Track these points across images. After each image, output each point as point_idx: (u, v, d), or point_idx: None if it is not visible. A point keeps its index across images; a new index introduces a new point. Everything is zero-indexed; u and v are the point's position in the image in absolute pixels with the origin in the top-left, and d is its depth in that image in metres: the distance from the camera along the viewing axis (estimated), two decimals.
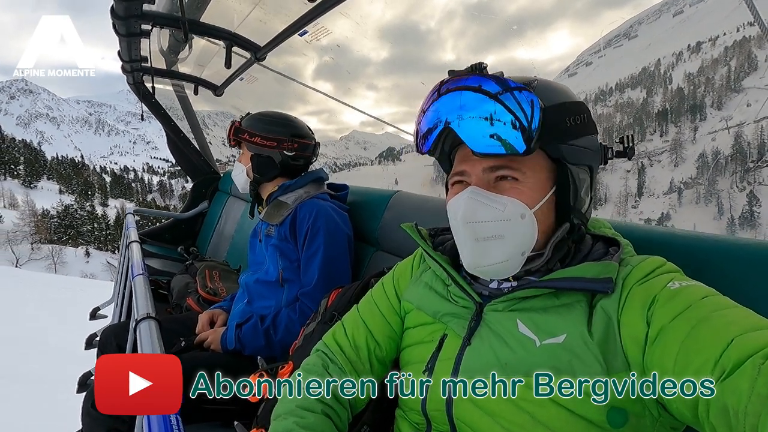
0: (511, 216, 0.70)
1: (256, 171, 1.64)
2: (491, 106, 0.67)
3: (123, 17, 1.86)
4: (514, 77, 0.72)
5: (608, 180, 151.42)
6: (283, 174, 1.66)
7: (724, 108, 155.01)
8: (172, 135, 3.34)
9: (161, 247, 3.31)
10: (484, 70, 0.71)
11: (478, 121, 0.68)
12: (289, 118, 1.66)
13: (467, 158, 0.75)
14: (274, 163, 1.62)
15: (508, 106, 0.66)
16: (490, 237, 0.70)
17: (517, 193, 0.71)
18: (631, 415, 0.62)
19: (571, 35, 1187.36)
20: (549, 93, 0.71)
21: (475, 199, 0.71)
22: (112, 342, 1.66)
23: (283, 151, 1.61)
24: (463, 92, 0.69)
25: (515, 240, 0.70)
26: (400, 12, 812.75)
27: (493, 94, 0.67)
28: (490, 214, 0.70)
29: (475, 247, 0.71)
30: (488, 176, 0.72)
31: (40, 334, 5.18)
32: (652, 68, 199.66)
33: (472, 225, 0.71)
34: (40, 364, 4.19)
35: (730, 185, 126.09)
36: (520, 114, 0.66)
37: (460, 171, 0.76)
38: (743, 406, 0.47)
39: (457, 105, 0.70)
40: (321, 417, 0.78)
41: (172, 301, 2.20)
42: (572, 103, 0.73)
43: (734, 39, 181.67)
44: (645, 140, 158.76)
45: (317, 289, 1.43)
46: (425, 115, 0.75)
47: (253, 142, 1.60)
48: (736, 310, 0.57)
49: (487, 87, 0.67)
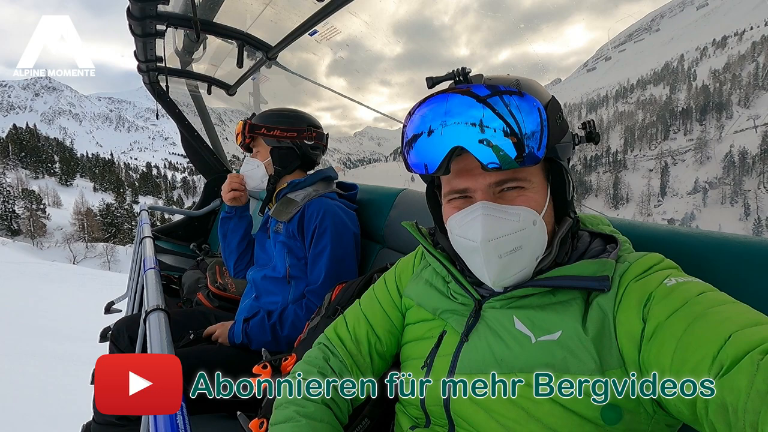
0: (526, 225, 0.69)
1: (278, 164, 1.65)
2: (495, 122, 0.65)
3: (138, 18, 1.90)
4: (493, 78, 0.71)
5: (630, 179, 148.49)
6: (302, 166, 1.68)
7: (752, 106, 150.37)
8: (185, 133, 3.40)
9: (174, 244, 3.37)
10: (468, 77, 0.70)
11: (476, 129, 0.65)
12: (300, 112, 1.69)
13: (466, 172, 0.71)
14: (295, 153, 1.64)
15: (516, 118, 0.65)
16: (511, 250, 0.68)
17: (526, 201, 0.70)
18: (625, 411, 0.62)
19: (587, 29, 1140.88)
20: (536, 93, 0.71)
21: (490, 215, 0.68)
22: (124, 334, 1.70)
23: (304, 141, 1.63)
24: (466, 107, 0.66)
25: (532, 248, 0.70)
26: (414, 8, 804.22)
27: (499, 113, 0.65)
28: (507, 227, 0.68)
29: (499, 264, 0.69)
30: (493, 189, 0.71)
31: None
32: (675, 64, 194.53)
33: (494, 242, 0.68)
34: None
35: (758, 185, 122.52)
36: (524, 125, 0.65)
37: (461, 189, 0.73)
38: (742, 403, 0.47)
39: (443, 111, 0.67)
40: (321, 406, 0.79)
41: (183, 296, 2.24)
42: (554, 100, 0.73)
43: (762, 34, 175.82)
44: (669, 139, 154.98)
45: (324, 287, 1.44)
46: (413, 120, 0.72)
47: (272, 135, 1.62)
48: (733, 305, 0.57)
49: (493, 104, 0.65)
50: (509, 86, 0.67)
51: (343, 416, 0.83)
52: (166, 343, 1.03)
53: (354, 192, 1.75)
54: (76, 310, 7.11)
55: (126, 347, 1.69)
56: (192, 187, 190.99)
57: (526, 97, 0.66)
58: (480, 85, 0.66)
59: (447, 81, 0.74)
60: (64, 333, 5.57)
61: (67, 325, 6.02)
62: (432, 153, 0.69)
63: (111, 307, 2.49)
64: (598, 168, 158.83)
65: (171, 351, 0.99)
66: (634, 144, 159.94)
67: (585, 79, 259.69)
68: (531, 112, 0.65)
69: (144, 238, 2.03)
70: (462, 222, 0.72)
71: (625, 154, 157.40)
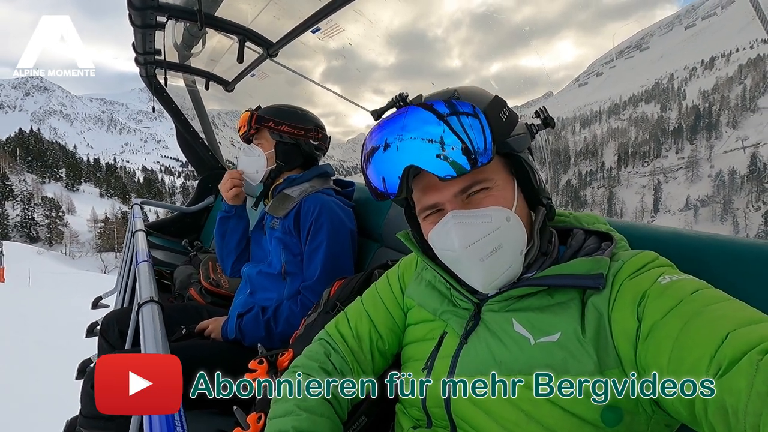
0: (500, 223, 0.70)
1: (281, 158, 1.62)
2: (436, 128, 0.67)
3: (139, 8, 1.89)
4: (433, 95, 0.75)
5: (624, 195, 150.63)
6: (304, 165, 1.66)
7: (740, 127, 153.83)
8: (181, 129, 3.38)
9: (166, 240, 3.33)
10: (406, 100, 0.74)
11: (422, 143, 0.67)
12: (308, 111, 1.67)
13: (431, 188, 0.73)
14: (299, 151, 1.62)
15: (452, 126, 0.66)
16: (492, 251, 0.69)
17: (494, 200, 0.71)
18: (625, 413, 0.62)
19: (575, 45, 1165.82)
20: (475, 97, 0.73)
21: (461, 222, 0.70)
22: (114, 327, 1.66)
23: (310, 140, 1.62)
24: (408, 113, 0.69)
25: (512, 244, 0.71)
26: (408, 20, 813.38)
27: (442, 115, 0.67)
28: (481, 230, 0.69)
29: (483, 267, 0.70)
30: (460, 197, 0.72)
31: None
32: (665, 82, 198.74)
33: (472, 248, 0.69)
34: None
35: (746, 204, 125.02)
36: (464, 128, 0.66)
37: (431, 205, 0.75)
38: (743, 404, 0.46)
39: (400, 126, 0.69)
40: (322, 401, 0.79)
41: (175, 291, 2.21)
42: (495, 99, 0.74)
43: (748, 57, 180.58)
44: (661, 156, 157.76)
45: (319, 284, 1.42)
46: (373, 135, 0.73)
47: (279, 130, 1.59)
48: (728, 303, 0.56)
49: (436, 109, 0.67)
50: (449, 98, 0.70)
51: (343, 412, 0.82)
52: (161, 335, 1.00)
53: (351, 189, 1.73)
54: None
55: (116, 341, 1.65)
56: (191, 193, 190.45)
57: (461, 103, 0.68)
58: (440, 101, 0.68)
59: (389, 110, 0.76)
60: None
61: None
62: (388, 168, 0.71)
63: (98, 302, 2.44)
64: (593, 183, 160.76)
65: (165, 344, 0.97)
66: (628, 160, 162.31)
67: (577, 94, 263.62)
68: (471, 115, 0.67)
69: (136, 232, 2.00)
70: (439, 235, 0.73)
71: (619, 171, 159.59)
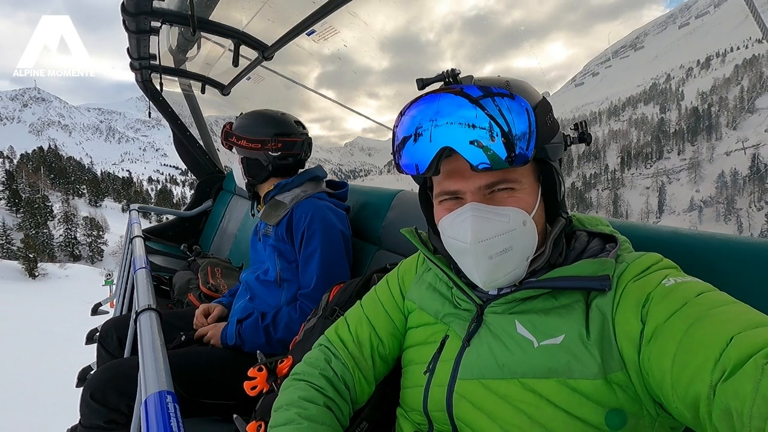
0: (516, 225, 0.68)
1: (248, 174, 1.62)
2: (481, 121, 0.64)
3: (133, 14, 1.88)
4: (483, 79, 0.72)
5: (628, 196, 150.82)
6: (275, 174, 1.62)
7: (739, 128, 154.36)
8: (178, 133, 3.37)
9: (164, 245, 3.31)
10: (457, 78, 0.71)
11: (460, 128, 0.64)
12: (275, 117, 1.61)
13: (457, 174, 0.71)
14: (262, 165, 1.59)
15: (507, 119, 0.64)
16: (501, 251, 0.68)
17: (516, 201, 0.69)
18: (629, 416, 0.61)
19: (566, 46, 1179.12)
20: (526, 94, 0.70)
21: (480, 216, 0.68)
22: (112, 335, 1.65)
23: (268, 152, 1.57)
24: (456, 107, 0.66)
25: (522, 248, 0.69)
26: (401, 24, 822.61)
27: (490, 114, 0.64)
28: (497, 228, 0.67)
29: (489, 265, 0.68)
30: (484, 191, 0.70)
31: None
32: (662, 82, 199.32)
33: (483, 243, 0.67)
34: None
35: (749, 204, 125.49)
36: (509, 124, 0.64)
37: (452, 191, 0.72)
38: (748, 408, 0.45)
39: (434, 111, 0.67)
40: (323, 409, 0.77)
41: (174, 297, 2.19)
42: (543, 100, 0.72)
43: (744, 57, 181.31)
44: (663, 158, 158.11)
45: (316, 290, 1.41)
46: (403, 121, 0.71)
47: (240, 145, 1.57)
48: (733, 306, 0.55)
49: (483, 103, 0.65)
50: (500, 87, 0.66)
51: (345, 419, 0.81)
52: (158, 344, 0.99)
53: (344, 190, 1.69)
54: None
55: (114, 349, 1.64)
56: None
57: (516, 98, 0.65)
58: (472, 86, 0.66)
59: (437, 82, 0.73)
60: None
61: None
62: (422, 153, 0.69)
63: (98, 309, 2.42)
64: (597, 185, 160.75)
65: (164, 352, 0.95)
66: (631, 162, 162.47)
67: (574, 93, 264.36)
68: (521, 114, 0.65)
69: (134, 238, 1.98)
70: (453, 223, 0.71)
71: (623, 173, 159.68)
